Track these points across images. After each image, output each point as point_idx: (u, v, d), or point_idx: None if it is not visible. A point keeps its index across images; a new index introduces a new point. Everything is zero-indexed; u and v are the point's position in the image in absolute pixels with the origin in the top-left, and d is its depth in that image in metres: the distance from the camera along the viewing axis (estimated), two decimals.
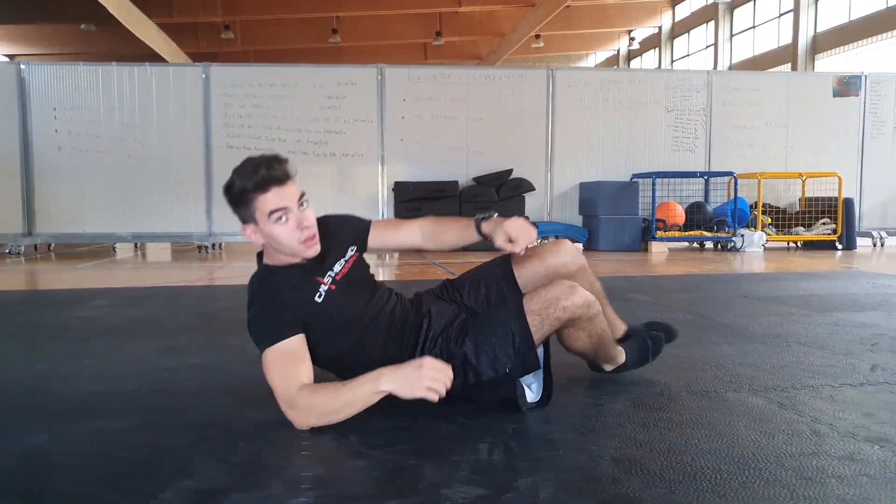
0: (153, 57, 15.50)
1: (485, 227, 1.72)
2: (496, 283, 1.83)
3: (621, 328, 1.97)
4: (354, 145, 7.59)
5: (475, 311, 1.80)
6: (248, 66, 7.94)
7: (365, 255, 1.81)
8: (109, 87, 7.17)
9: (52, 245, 7.57)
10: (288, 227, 1.52)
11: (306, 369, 1.52)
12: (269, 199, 1.50)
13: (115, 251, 7.64)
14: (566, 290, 1.59)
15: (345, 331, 1.62)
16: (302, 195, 1.55)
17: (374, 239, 1.80)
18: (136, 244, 8.43)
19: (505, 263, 1.85)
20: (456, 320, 1.71)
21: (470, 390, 1.61)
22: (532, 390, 1.63)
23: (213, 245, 7.84)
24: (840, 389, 1.84)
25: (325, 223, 1.66)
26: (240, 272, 5.58)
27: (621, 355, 1.87)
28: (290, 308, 1.55)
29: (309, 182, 7.57)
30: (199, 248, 7.39)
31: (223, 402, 1.78)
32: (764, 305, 3.43)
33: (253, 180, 1.48)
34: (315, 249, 1.58)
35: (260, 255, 1.68)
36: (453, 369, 1.51)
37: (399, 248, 1.85)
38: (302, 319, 1.55)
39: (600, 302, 1.81)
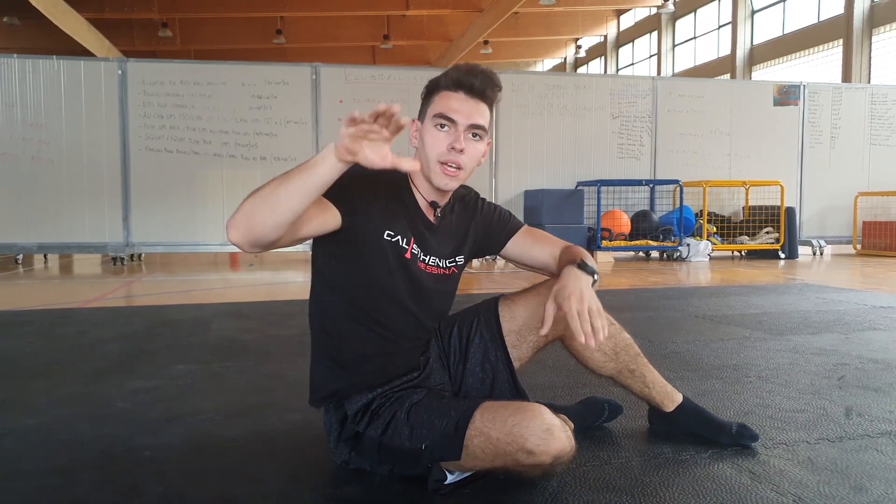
0: (85, 54, 14.52)
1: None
2: (479, 331, 1.49)
3: (675, 399, 1.56)
4: (287, 148, 7.12)
5: (449, 363, 1.49)
6: (169, 62, 7.32)
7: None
8: (9, 82, 6.47)
9: None
10: (440, 136, 1.31)
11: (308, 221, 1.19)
12: (447, 101, 1.31)
13: (18, 263, 6.91)
14: (540, 432, 1.15)
15: (363, 295, 1.34)
16: (484, 130, 1.33)
17: (514, 246, 1.53)
18: (44, 256, 7.69)
19: (491, 304, 1.53)
20: (425, 392, 1.36)
21: (381, 453, 1.30)
22: (452, 474, 1.27)
23: (132, 256, 7.22)
24: (817, 447, 1.54)
25: (483, 204, 1.51)
26: (149, 288, 5.04)
27: None
28: (368, 189, 1.29)
29: (236, 187, 7.16)
30: (114, 259, 6.74)
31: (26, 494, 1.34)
32: (715, 327, 3.19)
33: (450, 76, 1.32)
34: (448, 182, 1.32)
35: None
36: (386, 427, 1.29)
37: (535, 269, 1.54)
38: (360, 217, 1.27)
39: (634, 363, 1.51)
